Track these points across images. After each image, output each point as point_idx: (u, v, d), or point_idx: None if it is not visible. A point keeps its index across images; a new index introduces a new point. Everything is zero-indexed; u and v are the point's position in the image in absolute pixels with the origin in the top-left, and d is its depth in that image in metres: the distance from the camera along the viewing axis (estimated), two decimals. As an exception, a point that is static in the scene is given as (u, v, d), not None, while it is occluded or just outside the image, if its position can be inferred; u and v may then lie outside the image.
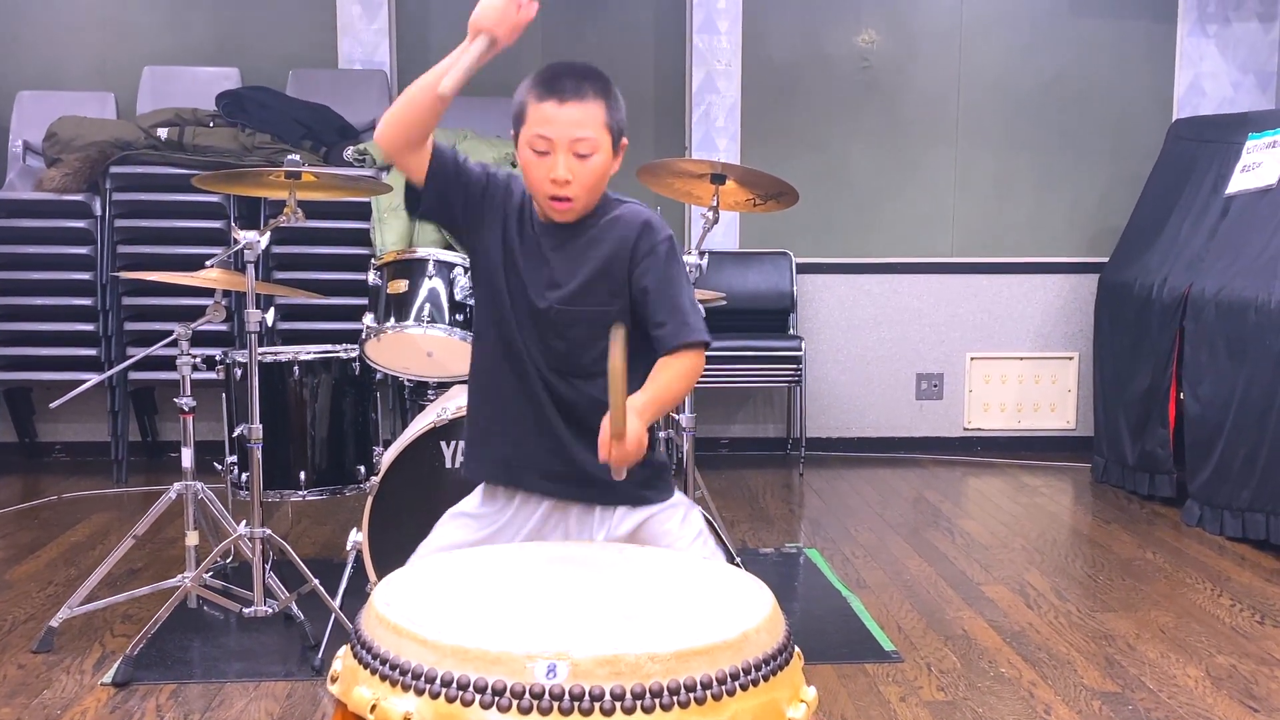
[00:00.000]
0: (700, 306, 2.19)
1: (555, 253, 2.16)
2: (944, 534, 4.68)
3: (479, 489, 2.28)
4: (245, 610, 3.28)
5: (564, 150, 2.07)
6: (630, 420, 1.90)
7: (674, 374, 2.09)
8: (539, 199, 2.14)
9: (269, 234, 3.32)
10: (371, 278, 3.64)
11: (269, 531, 3.31)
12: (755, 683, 1.53)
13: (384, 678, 1.52)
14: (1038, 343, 6.19)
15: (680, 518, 2.24)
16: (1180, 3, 6.07)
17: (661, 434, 3.87)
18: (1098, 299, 5.74)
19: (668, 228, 2.20)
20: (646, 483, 2.20)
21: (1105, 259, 5.78)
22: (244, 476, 3.43)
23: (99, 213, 5.28)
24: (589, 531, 2.19)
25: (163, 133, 5.31)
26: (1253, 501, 4.46)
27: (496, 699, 1.43)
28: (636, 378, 2.02)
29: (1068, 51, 6.08)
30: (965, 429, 6.22)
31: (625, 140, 2.16)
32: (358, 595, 3.32)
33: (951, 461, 6.02)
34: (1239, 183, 4.97)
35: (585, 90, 2.08)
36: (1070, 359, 6.17)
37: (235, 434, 3.49)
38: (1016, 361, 6.20)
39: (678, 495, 2.27)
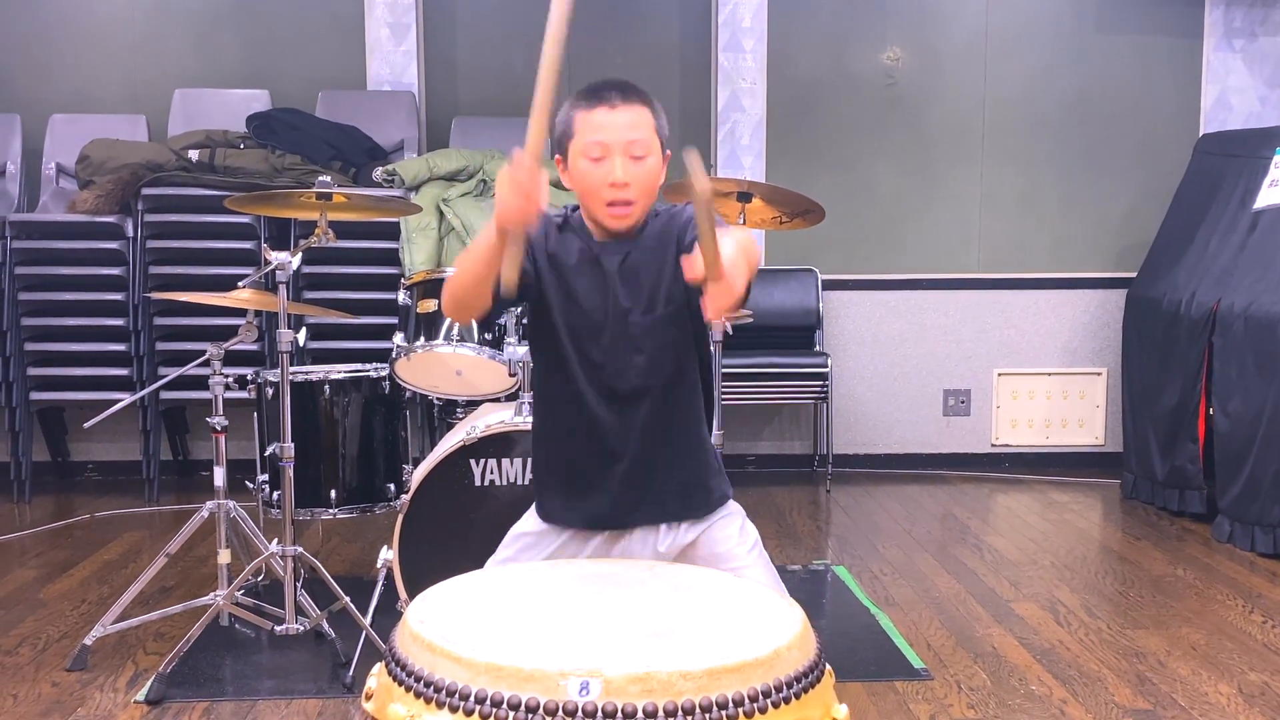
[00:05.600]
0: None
1: (619, 270, 2.16)
2: (972, 551, 4.67)
3: (534, 507, 2.30)
4: (277, 628, 3.30)
5: (620, 154, 2.07)
6: (725, 245, 1.79)
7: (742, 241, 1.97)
8: (597, 208, 2.12)
9: (300, 254, 3.36)
10: (401, 297, 3.67)
11: (300, 549, 3.33)
12: (786, 700, 1.53)
13: (419, 695, 1.53)
14: (1065, 358, 6.17)
15: (738, 527, 2.27)
16: (1206, 18, 6.05)
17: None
18: (1125, 314, 5.73)
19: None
20: (706, 489, 2.25)
21: (1133, 274, 5.76)
22: (275, 495, 3.46)
23: (131, 234, 5.33)
24: (651, 546, 2.22)
25: (194, 154, 5.37)
26: (1284, 518, 4.43)
27: (530, 716, 1.45)
28: (680, 409, 2.01)
29: (1093, 68, 6.07)
30: (993, 445, 6.20)
31: (669, 152, 2.16)
32: (388, 613, 3.34)
33: (979, 478, 6.00)
34: (1267, 197, 4.95)
35: (632, 96, 2.11)
36: (1098, 375, 6.15)
37: (267, 453, 3.52)
38: (1044, 377, 6.18)
39: (733, 505, 2.30)
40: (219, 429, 3.48)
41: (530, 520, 2.30)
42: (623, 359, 2.16)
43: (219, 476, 3.51)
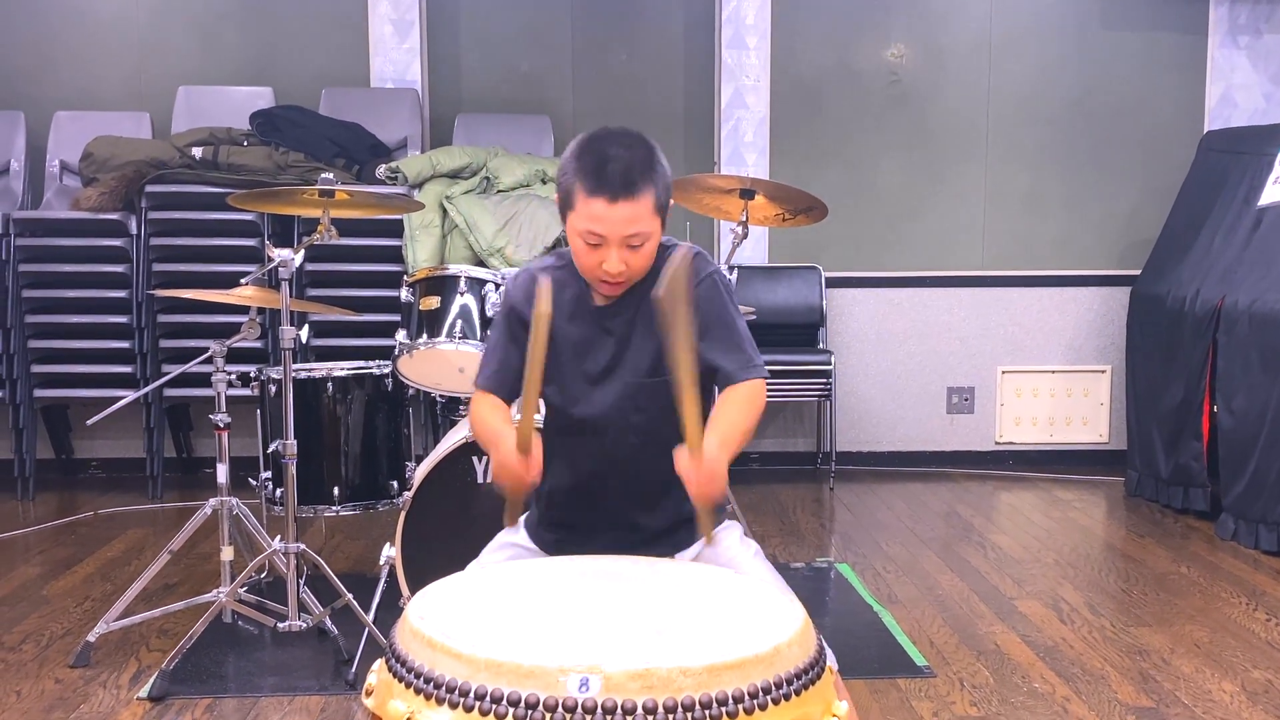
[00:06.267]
0: (752, 338, 2.18)
1: (619, 328, 2.14)
2: (976, 548, 4.67)
3: (522, 524, 2.29)
4: (280, 625, 3.30)
5: (617, 245, 2.03)
6: (708, 443, 1.89)
7: (739, 405, 2.07)
8: (589, 280, 2.11)
9: (303, 251, 3.36)
10: (404, 294, 3.67)
11: (303, 546, 3.33)
12: (787, 697, 1.53)
13: (419, 691, 1.53)
14: (1070, 356, 6.16)
15: (738, 536, 2.26)
16: (1211, 15, 6.04)
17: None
18: (1130, 312, 5.72)
19: (712, 262, 2.18)
20: (694, 527, 2.23)
21: (1137, 272, 5.75)
22: (278, 492, 3.46)
23: (135, 231, 5.33)
24: None
25: (197, 152, 5.37)
26: (1288, 515, 4.42)
27: (530, 712, 1.44)
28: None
29: (1098, 64, 6.06)
30: (997, 443, 6.19)
31: (672, 201, 2.12)
32: (391, 609, 3.35)
33: (983, 475, 5.99)
34: (1271, 194, 4.94)
35: (634, 182, 2.00)
36: (1103, 372, 6.14)
37: (270, 450, 3.52)
38: (1048, 375, 6.17)
39: (728, 520, 2.30)
40: (222, 426, 3.48)
41: (521, 534, 2.29)
42: (619, 417, 2.15)
43: (222, 473, 3.51)
